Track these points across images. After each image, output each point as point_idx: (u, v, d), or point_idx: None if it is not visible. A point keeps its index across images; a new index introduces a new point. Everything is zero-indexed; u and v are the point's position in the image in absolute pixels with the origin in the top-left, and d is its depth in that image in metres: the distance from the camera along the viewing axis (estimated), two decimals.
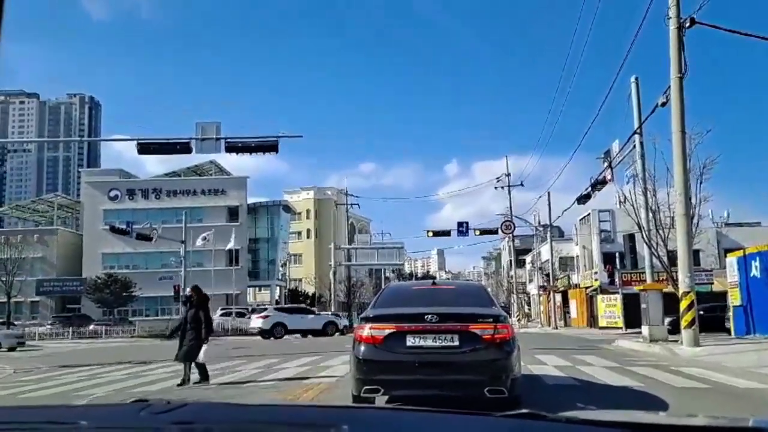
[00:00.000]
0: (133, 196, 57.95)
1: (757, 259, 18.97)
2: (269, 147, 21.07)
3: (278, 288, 63.66)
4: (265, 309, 35.36)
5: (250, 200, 60.83)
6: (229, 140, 21.14)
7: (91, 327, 43.06)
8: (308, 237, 78.61)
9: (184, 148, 21.44)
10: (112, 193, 57.89)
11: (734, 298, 20.52)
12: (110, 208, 56.56)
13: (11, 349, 26.81)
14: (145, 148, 21.56)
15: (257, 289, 67.77)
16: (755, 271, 19.02)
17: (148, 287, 49.53)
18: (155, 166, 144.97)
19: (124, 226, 38.59)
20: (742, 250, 21.32)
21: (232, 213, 57.19)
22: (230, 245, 47.96)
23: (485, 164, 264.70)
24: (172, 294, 42.34)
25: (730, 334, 20.30)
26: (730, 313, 20.79)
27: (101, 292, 48.56)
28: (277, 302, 62.34)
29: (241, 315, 44.00)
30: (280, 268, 63.27)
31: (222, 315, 44.50)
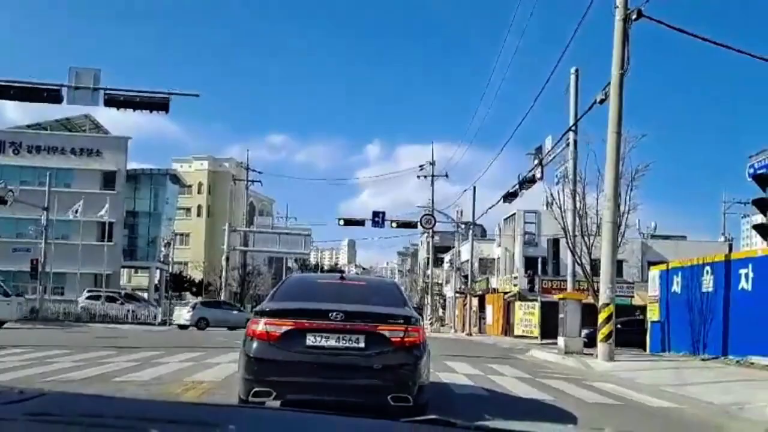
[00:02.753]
0: None
1: (680, 274, 20.53)
2: (158, 104, 20.36)
3: (159, 271, 61.60)
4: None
5: (131, 166, 58.43)
6: (109, 92, 20.23)
7: None
8: (199, 215, 76.49)
9: (53, 97, 20.32)
10: None
11: (653, 313, 22.13)
12: None
13: None
14: (3, 92, 20.22)
15: (133, 270, 65.31)
16: (676, 286, 20.59)
17: None
18: (15, 113, 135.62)
19: None
20: (665, 264, 23.00)
21: (108, 179, 54.63)
22: (103, 216, 45.87)
23: (411, 149, 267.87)
24: (29, 269, 40.02)
25: (645, 349, 21.90)
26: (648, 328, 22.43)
27: None
28: (157, 287, 60.41)
29: (112, 300, 42.36)
30: (163, 249, 61.09)
31: (89, 298, 42.63)
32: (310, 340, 6.22)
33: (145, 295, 55.22)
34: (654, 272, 22.77)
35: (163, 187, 60.52)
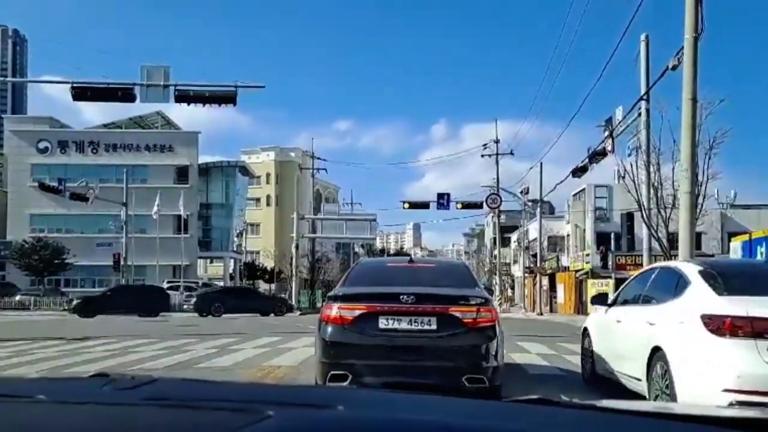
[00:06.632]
0: (66, 149, 56.73)
1: (764, 244, 19.56)
2: (226, 98, 20.72)
3: (233, 261, 63.37)
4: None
5: (202, 159, 60.11)
6: (179, 87, 20.71)
7: (18, 297, 42.68)
8: (268, 204, 78.19)
9: (126, 96, 20.96)
10: (42, 145, 56.56)
11: None
12: (39, 162, 55.32)
13: None
14: (81, 94, 20.99)
15: (209, 261, 67.47)
16: (761, 257, 19.63)
17: (83, 254, 48.86)
18: (92, 114, 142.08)
19: (55, 184, 37.83)
20: (748, 234, 21.96)
21: (181, 173, 56.47)
22: (180, 211, 47.46)
23: (476, 128, 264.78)
24: (112, 263, 41.93)
25: None
26: None
27: (29, 258, 47.79)
28: (231, 276, 62.16)
29: (190, 289, 43.85)
30: (236, 239, 62.85)
31: (168, 289, 44.24)
32: (383, 323, 6.24)
33: (221, 284, 56.94)
34: (736, 244, 21.77)
35: (234, 179, 62.08)
